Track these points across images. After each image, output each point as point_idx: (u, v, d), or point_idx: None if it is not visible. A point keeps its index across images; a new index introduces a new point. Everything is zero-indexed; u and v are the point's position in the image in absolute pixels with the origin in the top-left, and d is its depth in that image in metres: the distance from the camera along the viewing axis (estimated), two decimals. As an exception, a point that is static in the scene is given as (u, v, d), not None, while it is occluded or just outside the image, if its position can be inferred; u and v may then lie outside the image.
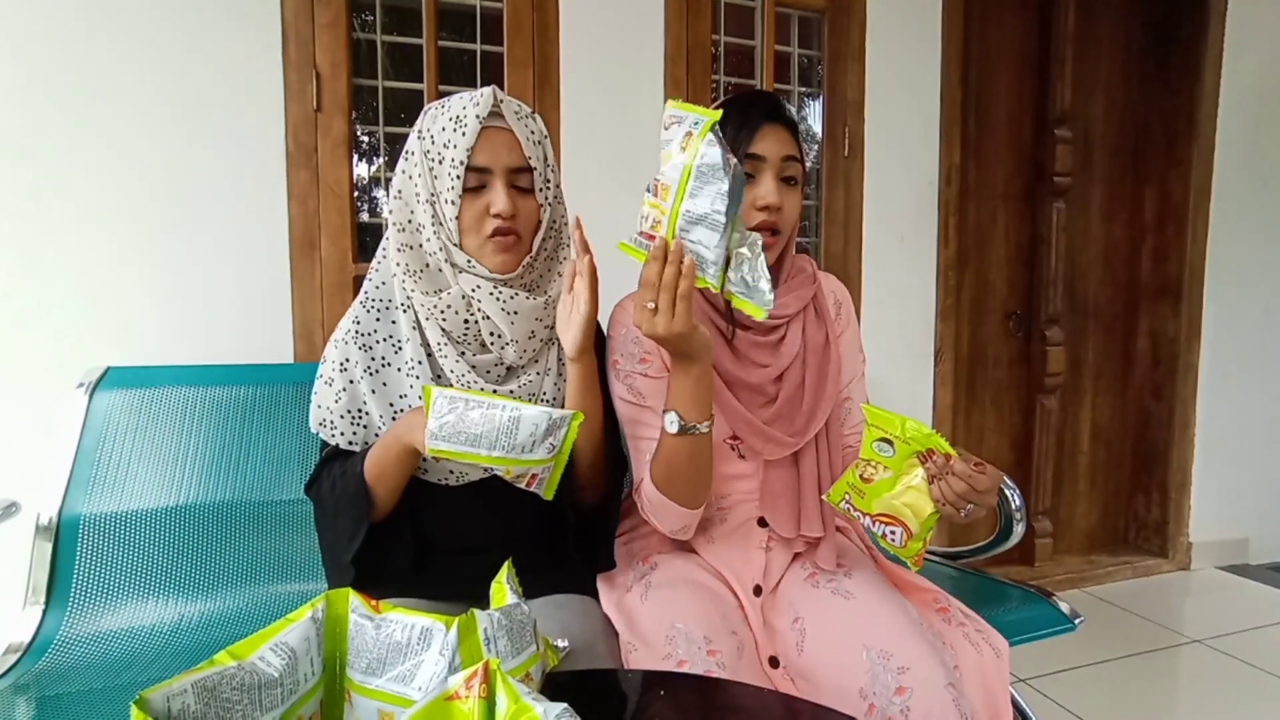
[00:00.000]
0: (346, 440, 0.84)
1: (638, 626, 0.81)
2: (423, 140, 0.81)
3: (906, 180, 1.93)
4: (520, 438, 0.71)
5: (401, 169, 0.84)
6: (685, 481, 0.81)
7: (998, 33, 2.11)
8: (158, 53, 1.33)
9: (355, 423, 0.84)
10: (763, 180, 0.86)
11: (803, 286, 0.94)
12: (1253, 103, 2.29)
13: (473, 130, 0.78)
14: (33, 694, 0.92)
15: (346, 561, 0.82)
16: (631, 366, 0.89)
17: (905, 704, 0.71)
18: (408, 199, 0.83)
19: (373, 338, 0.85)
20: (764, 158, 0.86)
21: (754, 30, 1.83)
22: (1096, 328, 2.35)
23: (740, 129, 0.85)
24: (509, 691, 0.44)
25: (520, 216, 0.81)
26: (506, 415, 0.71)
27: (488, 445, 0.71)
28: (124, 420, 1.15)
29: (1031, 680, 1.68)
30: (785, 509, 0.89)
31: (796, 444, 0.89)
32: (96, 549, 1.08)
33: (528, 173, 0.82)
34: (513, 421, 0.71)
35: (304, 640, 0.53)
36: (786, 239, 0.91)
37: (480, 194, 0.80)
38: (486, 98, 0.79)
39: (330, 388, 0.84)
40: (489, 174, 0.80)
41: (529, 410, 0.71)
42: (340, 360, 0.84)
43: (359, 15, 1.51)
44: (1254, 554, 2.43)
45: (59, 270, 1.29)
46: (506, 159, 0.80)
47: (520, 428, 0.71)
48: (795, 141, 0.88)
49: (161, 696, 0.44)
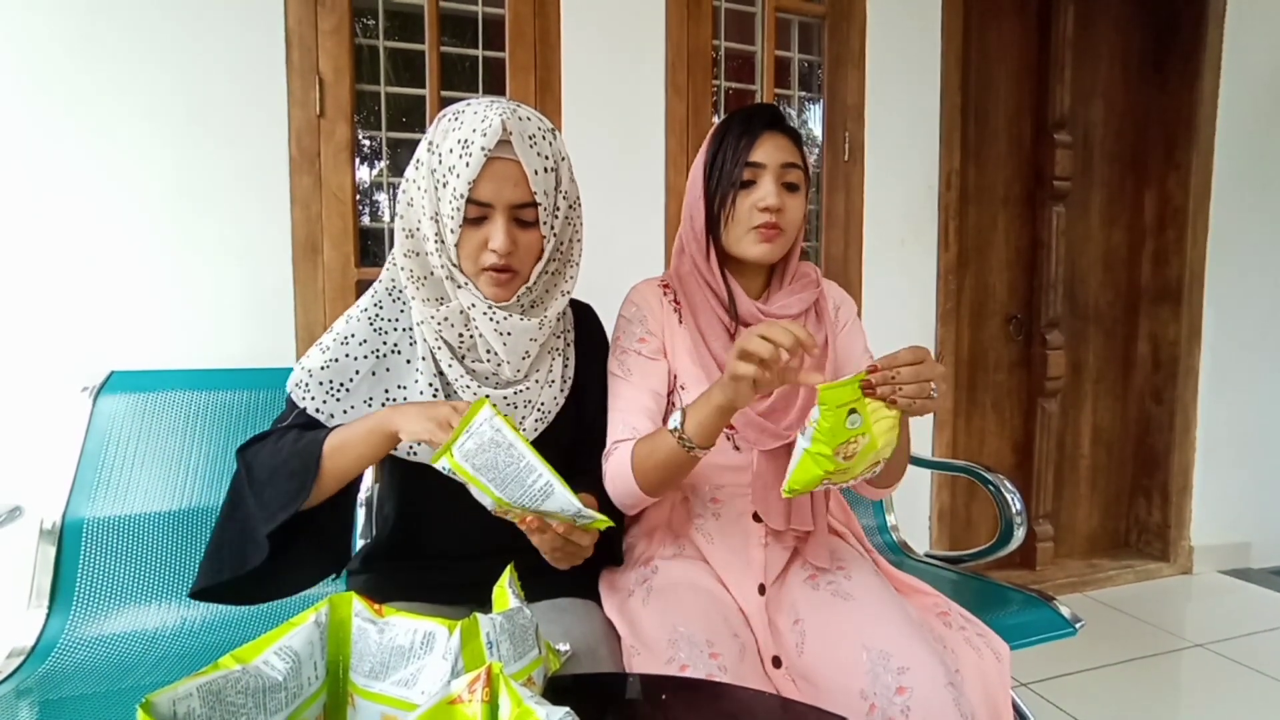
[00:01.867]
0: (314, 407, 0.81)
1: (640, 630, 0.81)
2: (432, 154, 0.80)
3: (907, 185, 1.94)
4: (541, 506, 0.67)
5: (411, 177, 0.83)
6: (656, 474, 0.82)
7: (997, 38, 2.12)
8: (161, 58, 1.33)
9: (331, 393, 0.81)
10: (763, 184, 0.89)
11: (805, 290, 0.96)
12: (1252, 106, 2.29)
13: (477, 163, 0.75)
14: (36, 698, 0.93)
15: (263, 536, 0.73)
16: (630, 344, 0.93)
17: (906, 704, 0.72)
18: (416, 208, 0.82)
19: (391, 324, 0.84)
20: (764, 164, 0.89)
21: (754, 35, 1.84)
22: (1097, 331, 2.36)
23: (741, 137, 0.89)
24: (512, 695, 0.44)
25: (519, 252, 0.80)
26: (540, 483, 0.66)
27: (499, 487, 0.66)
28: (127, 424, 1.15)
29: (1032, 684, 1.68)
30: (776, 501, 0.90)
31: (789, 436, 0.91)
32: (100, 552, 1.09)
33: (532, 207, 0.79)
34: (543, 492, 0.66)
35: (308, 644, 0.53)
36: (793, 240, 0.93)
37: (480, 225, 0.78)
38: (495, 129, 0.75)
39: (323, 354, 0.82)
40: (490, 209, 0.77)
41: (561, 492, 0.66)
42: (345, 334, 0.83)
43: (361, 21, 1.52)
44: (1255, 558, 2.43)
45: (63, 274, 1.30)
46: (510, 195, 0.77)
47: (546, 500, 0.67)
48: (797, 149, 0.92)
49: (167, 700, 0.44)
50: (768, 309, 0.92)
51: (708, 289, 0.93)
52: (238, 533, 0.77)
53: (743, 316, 0.92)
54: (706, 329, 0.93)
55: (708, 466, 0.87)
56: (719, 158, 0.91)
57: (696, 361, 0.92)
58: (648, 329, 0.93)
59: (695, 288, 0.94)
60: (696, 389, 0.91)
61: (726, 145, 0.90)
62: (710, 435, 0.78)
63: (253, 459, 0.78)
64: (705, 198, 0.92)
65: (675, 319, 0.95)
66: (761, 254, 0.90)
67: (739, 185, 0.89)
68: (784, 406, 0.92)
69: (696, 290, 0.94)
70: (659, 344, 0.93)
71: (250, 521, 0.75)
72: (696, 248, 0.94)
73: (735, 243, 0.91)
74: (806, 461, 0.70)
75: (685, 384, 0.92)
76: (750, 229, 0.90)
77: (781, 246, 0.91)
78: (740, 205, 0.90)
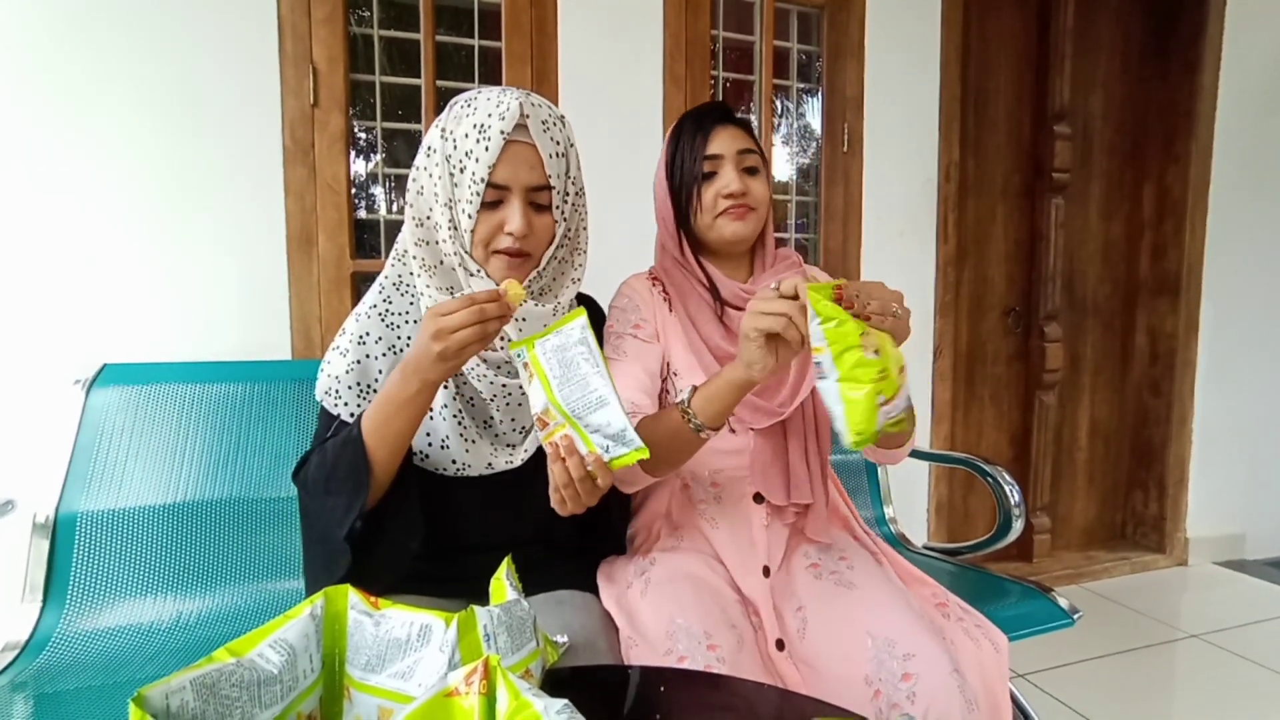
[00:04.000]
0: (349, 411, 0.82)
1: (638, 622, 0.81)
2: (445, 141, 0.80)
3: (905, 177, 1.93)
4: (588, 415, 0.68)
5: (422, 164, 0.82)
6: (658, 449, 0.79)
7: (997, 29, 2.11)
8: (152, 47, 1.32)
9: (363, 395, 0.83)
10: (724, 172, 0.93)
11: (789, 271, 0.99)
12: (1252, 99, 2.29)
13: (496, 146, 0.76)
14: (30, 691, 0.92)
15: (340, 539, 0.75)
16: (624, 329, 0.94)
17: (911, 689, 0.72)
18: (428, 196, 0.82)
19: (401, 317, 0.85)
20: (721, 155, 0.93)
21: (753, 26, 1.82)
22: (1095, 324, 2.36)
23: (695, 134, 0.94)
24: (509, 688, 0.44)
25: (534, 235, 0.80)
26: (599, 392, 0.68)
27: (560, 386, 0.68)
28: (121, 417, 1.14)
29: (1030, 675, 1.69)
30: (776, 477, 0.92)
31: (783, 413, 0.92)
32: (94, 546, 1.08)
33: (546, 190, 0.80)
34: (599, 400, 0.68)
35: (303, 637, 0.52)
36: (764, 218, 0.97)
37: (496, 209, 0.79)
38: (513, 111, 0.76)
39: (344, 358, 0.83)
40: (507, 191, 0.78)
41: (615, 407, 0.68)
42: (360, 334, 0.84)
43: (356, 10, 1.50)
44: (1251, 549, 2.44)
45: (55, 266, 1.29)
46: (526, 177, 0.78)
47: (596, 410, 0.68)
48: (750, 137, 0.96)
49: (160, 693, 0.43)
50: (751, 288, 0.94)
51: (691, 277, 0.96)
52: (321, 549, 0.80)
53: (727, 299, 0.94)
54: (696, 315, 0.95)
55: (706, 451, 0.87)
56: (677, 158, 0.94)
57: (689, 348, 0.94)
58: (641, 315, 0.95)
59: (680, 277, 0.97)
60: (689, 375, 0.93)
61: (683, 144, 0.94)
62: (719, 414, 0.77)
63: (303, 481, 0.82)
64: (672, 194, 0.96)
65: (666, 307, 0.98)
66: (736, 231, 0.93)
67: (701, 178, 0.93)
68: (776, 384, 0.93)
69: (682, 280, 0.97)
70: (653, 329, 0.95)
71: (328, 533, 0.77)
72: (672, 243, 0.97)
73: (708, 229, 0.94)
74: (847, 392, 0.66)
75: (678, 370, 0.94)
76: (719, 214, 0.93)
77: (755, 222, 0.95)
78: (705, 195, 0.93)
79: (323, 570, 0.80)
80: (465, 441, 0.85)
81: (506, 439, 0.88)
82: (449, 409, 0.84)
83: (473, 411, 0.86)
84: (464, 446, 0.85)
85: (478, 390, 0.85)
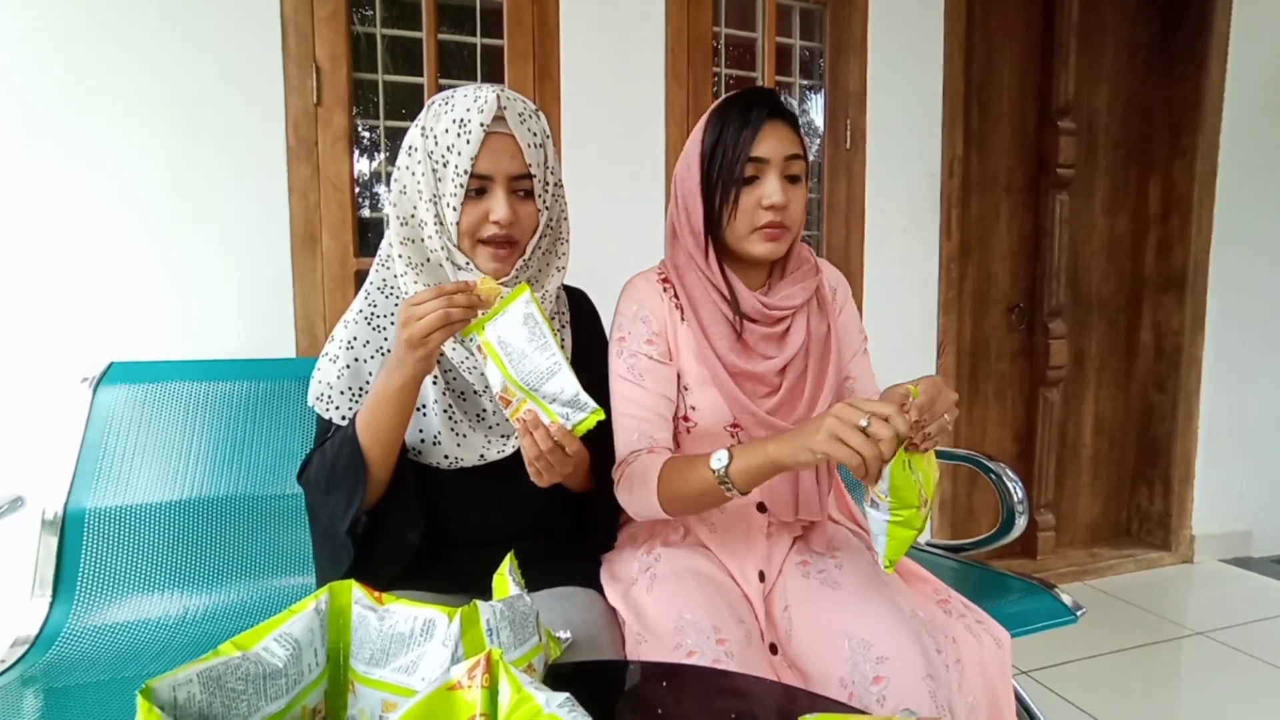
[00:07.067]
0: (342, 415, 0.84)
1: (645, 618, 0.81)
2: (426, 139, 0.81)
3: (908, 172, 1.92)
4: (543, 386, 0.73)
5: (404, 164, 0.84)
6: (683, 501, 0.82)
7: (1000, 23, 2.10)
8: (156, 46, 1.32)
9: (355, 399, 0.84)
10: (767, 180, 0.86)
11: (807, 278, 0.94)
12: (1259, 93, 2.27)
13: (477, 138, 0.78)
14: (40, 686, 0.93)
15: (343, 535, 0.78)
16: (638, 345, 0.90)
17: (881, 692, 0.72)
18: (411, 195, 0.83)
19: (387, 319, 0.86)
20: (768, 160, 0.85)
21: (755, 22, 1.82)
22: (1100, 320, 2.35)
23: (742, 130, 0.85)
24: (512, 681, 0.44)
25: (519, 223, 0.82)
26: (549, 362, 0.73)
27: (513, 363, 0.73)
28: (128, 415, 1.15)
29: (1034, 672, 1.69)
30: (785, 494, 0.89)
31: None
32: (102, 542, 1.09)
33: (528, 179, 0.82)
34: (549, 370, 0.72)
35: (308, 631, 0.53)
36: (795, 235, 0.91)
37: (480, 200, 0.81)
38: (490, 103, 0.78)
39: (334, 364, 0.85)
40: (490, 181, 0.80)
41: (566, 373, 0.72)
42: (349, 339, 0.85)
43: (358, 9, 1.50)
44: (1256, 547, 2.43)
45: (61, 265, 1.29)
46: (508, 166, 0.80)
47: (549, 380, 0.72)
48: (797, 137, 0.88)
49: (167, 686, 0.44)
50: (770, 301, 0.91)
51: (708, 284, 0.91)
52: (326, 545, 0.83)
53: (746, 312, 0.90)
54: (710, 327, 0.90)
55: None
56: (718, 150, 0.86)
57: (701, 361, 0.90)
58: (653, 330, 0.91)
59: (695, 280, 0.91)
60: (700, 389, 0.90)
61: (726, 137, 0.86)
62: (754, 483, 0.77)
63: (307, 481, 0.85)
64: (703, 192, 0.88)
65: (678, 316, 0.92)
66: (766, 253, 0.88)
67: (742, 181, 0.86)
68: (791, 403, 0.91)
69: (696, 284, 0.91)
70: (665, 346, 0.91)
71: (332, 530, 0.80)
72: (695, 245, 0.91)
73: (738, 240, 0.88)
74: (895, 530, 0.71)
75: (689, 384, 0.91)
76: (755, 229, 0.86)
77: (786, 244, 0.89)
78: (744, 202, 0.86)
79: (330, 566, 0.82)
80: (457, 435, 0.86)
81: (500, 429, 0.88)
82: (439, 404, 0.85)
83: (464, 405, 0.87)
84: (456, 440, 0.86)
85: (469, 383, 0.86)
